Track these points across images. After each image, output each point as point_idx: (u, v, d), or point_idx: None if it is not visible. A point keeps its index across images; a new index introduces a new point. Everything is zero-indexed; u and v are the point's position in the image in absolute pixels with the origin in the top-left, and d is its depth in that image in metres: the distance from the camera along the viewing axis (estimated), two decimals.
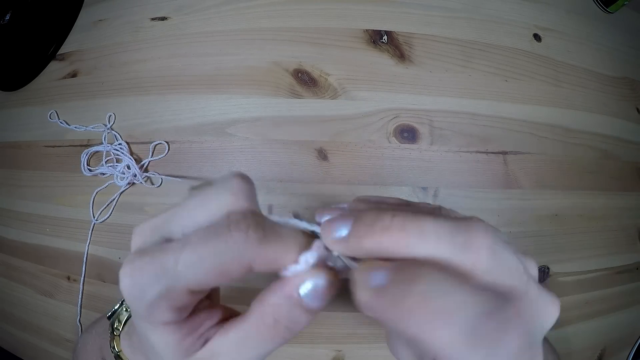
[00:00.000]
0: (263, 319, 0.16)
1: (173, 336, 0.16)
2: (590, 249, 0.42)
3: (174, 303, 0.15)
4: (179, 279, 0.14)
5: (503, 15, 0.44)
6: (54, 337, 0.43)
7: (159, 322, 0.15)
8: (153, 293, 0.15)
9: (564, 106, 0.43)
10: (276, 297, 0.16)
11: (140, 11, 0.45)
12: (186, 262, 0.14)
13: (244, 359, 0.16)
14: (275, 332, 0.16)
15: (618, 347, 0.43)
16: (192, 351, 0.16)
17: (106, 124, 0.43)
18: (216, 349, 0.16)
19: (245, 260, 0.14)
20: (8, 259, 0.46)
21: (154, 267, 0.15)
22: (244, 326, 0.16)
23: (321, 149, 0.40)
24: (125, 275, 0.15)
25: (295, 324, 0.16)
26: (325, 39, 0.42)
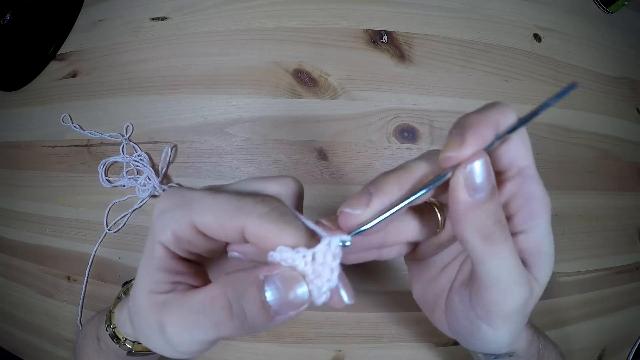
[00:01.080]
0: (215, 288, 0.15)
1: (157, 261, 0.17)
2: (590, 249, 0.42)
3: (179, 231, 0.16)
4: (192, 212, 0.16)
5: (503, 15, 0.44)
6: (54, 337, 0.43)
7: (159, 239, 0.17)
8: (169, 214, 0.17)
9: (564, 106, 0.43)
10: (241, 272, 0.15)
11: (140, 11, 0.45)
12: (204, 201, 0.16)
13: (185, 321, 0.16)
14: (219, 309, 0.15)
15: (618, 347, 0.43)
16: (159, 289, 0.17)
17: (123, 134, 0.42)
18: (171, 299, 0.16)
19: (239, 222, 0.15)
20: (8, 259, 0.46)
21: (183, 196, 0.17)
22: (199, 291, 0.16)
23: (321, 149, 0.40)
24: (162, 196, 0.18)
25: (242, 311, 0.15)
26: (325, 39, 0.42)
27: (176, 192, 0.17)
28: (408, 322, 0.39)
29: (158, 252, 0.17)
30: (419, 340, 0.39)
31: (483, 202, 0.15)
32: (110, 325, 0.26)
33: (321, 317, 0.38)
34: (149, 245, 0.17)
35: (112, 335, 0.26)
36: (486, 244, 0.16)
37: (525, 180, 0.17)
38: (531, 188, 0.17)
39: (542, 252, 0.17)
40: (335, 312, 0.38)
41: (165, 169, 0.41)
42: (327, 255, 0.15)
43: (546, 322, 0.40)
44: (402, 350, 0.39)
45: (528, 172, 0.17)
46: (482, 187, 0.15)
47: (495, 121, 0.16)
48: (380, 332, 0.39)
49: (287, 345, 0.38)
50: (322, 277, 0.15)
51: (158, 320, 0.16)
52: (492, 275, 0.16)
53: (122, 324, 0.25)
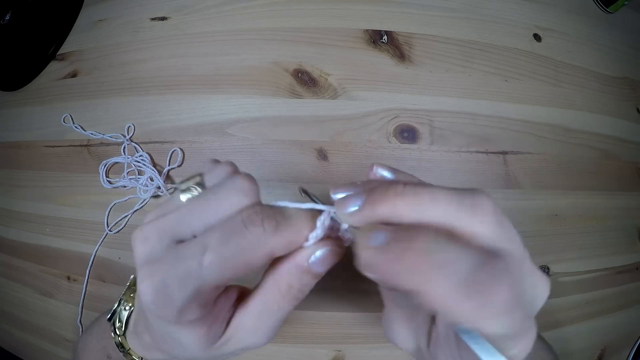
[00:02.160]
0: (279, 286, 0.17)
1: (200, 330, 0.17)
2: (590, 249, 0.42)
3: (202, 301, 0.16)
4: (205, 279, 0.15)
5: (503, 15, 0.44)
6: (54, 337, 0.43)
7: (188, 321, 0.16)
8: (182, 298, 0.15)
9: (564, 106, 0.43)
10: (288, 266, 0.17)
11: (140, 11, 0.45)
12: (211, 263, 0.15)
13: (265, 326, 0.18)
14: (289, 297, 0.18)
15: (618, 347, 0.43)
16: (219, 335, 0.18)
17: (125, 134, 0.42)
18: (240, 324, 0.18)
19: (266, 250, 0.16)
20: (8, 259, 0.46)
21: (178, 274, 0.15)
22: (262, 296, 0.18)
23: (321, 149, 0.40)
24: (147, 288, 0.15)
25: (306, 286, 0.18)
26: (325, 39, 0.42)
27: (163, 271, 0.15)
28: None
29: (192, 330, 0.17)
30: None
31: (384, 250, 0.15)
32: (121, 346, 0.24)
33: (321, 317, 0.38)
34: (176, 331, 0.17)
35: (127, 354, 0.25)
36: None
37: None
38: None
39: None
40: (335, 312, 0.38)
41: (166, 172, 0.41)
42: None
43: (546, 323, 0.40)
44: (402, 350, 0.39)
45: None
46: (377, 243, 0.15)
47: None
48: (380, 332, 0.39)
49: (287, 345, 0.38)
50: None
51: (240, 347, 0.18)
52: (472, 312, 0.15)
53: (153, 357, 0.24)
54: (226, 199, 0.17)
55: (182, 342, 0.17)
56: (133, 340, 0.24)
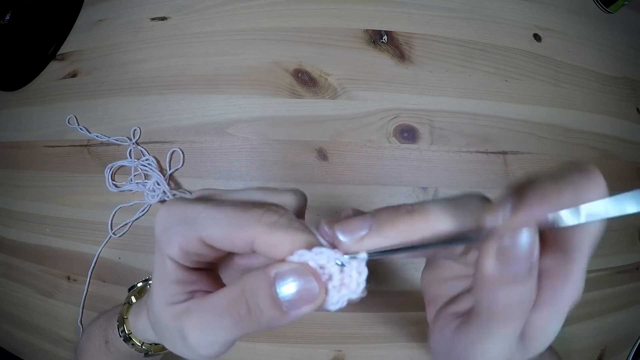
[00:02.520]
0: (234, 287, 0.16)
1: (169, 275, 0.17)
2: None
3: (185, 245, 0.17)
4: (198, 226, 0.16)
5: (503, 15, 0.44)
6: (54, 337, 0.43)
7: (167, 254, 0.17)
8: (175, 230, 0.17)
9: (564, 106, 0.43)
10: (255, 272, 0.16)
11: (140, 11, 0.45)
12: (208, 214, 0.16)
13: (206, 324, 0.16)
14: (236, 306, 0.15)
15: (618, 347, 0.43)
16: (176, 300, 0.17)
17: (131, 137, 0.42)
18: (190, 306, 0.17)
19: (249, 234, 0.15)
20: (8, 259, 0.46)
21: (186, 210, 0.17)
22: (219, 293, 0.16)
23: (321, 149, 0.40)
24: (162, 210, 0.18)
25: (258, 308, 0.15)
26: (325, 39, 0.42)
27: (177, 206, 0.17)
28: (408, 322, 0.39)
29: (168, 266, 0.17)
30: (419, 340, 0.39)
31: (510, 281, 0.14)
32: (124, 331, 0.26)
33: (321, 317, 0.38)
34: (158, 260, 0.18)
35: (127, 339, 0.26)
36: (491, 319, 0.15)
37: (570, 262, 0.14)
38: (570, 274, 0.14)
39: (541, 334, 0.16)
40: (335, 312, 0.38)
41: (169, 173, 0.41)
42: (353, 269, 0.15)
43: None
44: (402, 350, 0.39)
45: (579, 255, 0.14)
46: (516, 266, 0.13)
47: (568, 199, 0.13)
48: (380, 332, 0.39)
49: (287, 345, 0.38)
50: (348, 288, 0.15)
51: (178, 328, 0.17)
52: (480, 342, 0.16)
53: (140, 330, 0.25)
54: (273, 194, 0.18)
55: (155, 273, 0.18)
56: (132, 317, 0.26)
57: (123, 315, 0.27)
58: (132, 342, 0.26)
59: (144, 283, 0.30)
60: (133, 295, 0.29)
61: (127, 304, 0.28)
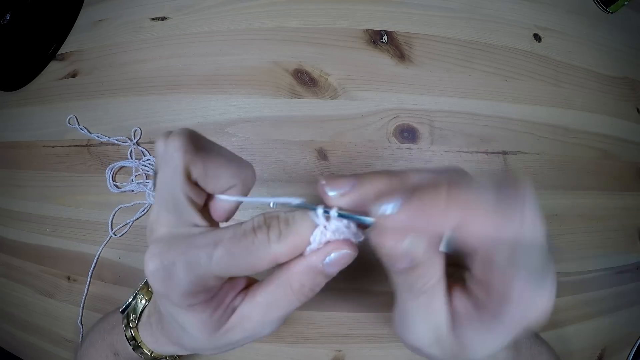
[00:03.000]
0: (290, 283, 0.18)
1: (204, 314, 0.17)
2: (590, 249, 0.42)
3: (205, 288, 0.17)
4: (213, 270, 0.16)
5: (503, 15, 0.44)
6: (54, 337, 0.43)
7: (191, 304, 0.17)
8: (186, 282, 0.16)
9: (564, 106, 0.43)
10: (303, 266, 0.17)
11: (140, 11, 0.45)
12: (220, 258, 0.16)
13: (271, 318, 0.18)
14: (300, 294, 0.18)
15: (618, 347, 0.43)
16: (223, 322, 0.18)
17: (131, 138, 0.42)
18: (246, 312, 0.18)
19: (270, 257, 0.16)
20: (8, 259, 0.46)
21: (187, 259, 0.16)
22: (272, 290, 0.18)
23: (321, 149, 0.40)
24: (156, 266, 0.16)
25: (318, 286, 0.18)
26: (325, 39, 0.42)
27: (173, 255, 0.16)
28: None
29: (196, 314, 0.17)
30: None
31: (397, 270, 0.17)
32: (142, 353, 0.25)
33: (321, 317, 0.38)
34: (180, 313, 0.18)
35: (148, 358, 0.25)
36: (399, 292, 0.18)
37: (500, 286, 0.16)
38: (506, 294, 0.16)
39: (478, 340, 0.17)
40: (335, 312, 0.38)
41: None
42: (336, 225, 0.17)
43: (546, 322, 0.40)
44: (402, 350, 0.39)
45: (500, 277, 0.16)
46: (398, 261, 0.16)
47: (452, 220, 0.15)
48: (380, 332, 0.39)
49: (287, 345, 0.38)
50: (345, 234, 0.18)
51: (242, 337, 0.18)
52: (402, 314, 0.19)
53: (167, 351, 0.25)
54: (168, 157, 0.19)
55: (186, 326, 0.18)
56: (145, 332, 0.25)
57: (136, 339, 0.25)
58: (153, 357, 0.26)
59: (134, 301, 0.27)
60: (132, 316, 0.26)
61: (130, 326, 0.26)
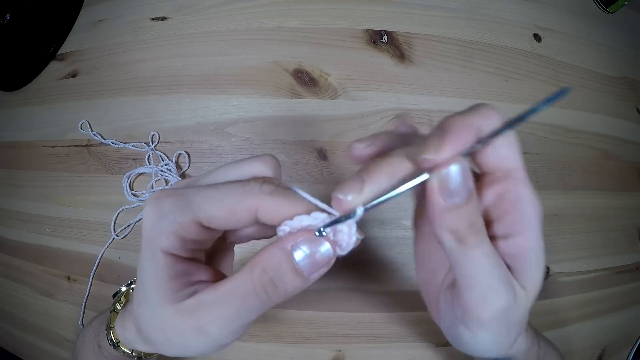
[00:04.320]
0: (252, 269, 0.16)
1: (166, 270, 0.17)
2: (590, 249, 0.42)
3: (183, 232, 0.16)
4: (195, 208, 0.16)
5: (503, 15, 0.44)
6: (54, 337, 0.43)
7: (162, 247, 0.17)
8: (170, 218, 0.16)
9: (563, 106, 0.43)
10: (269, 248, 0.16)
11: (140, 11, 0.45)
12: (205, 194, 0.16)
13: (229, 312, 0.16)
14: (262, 286, 0.16)
15: (618, 347, 0.43)
16: (179, 297, 0.17)
17: (149, 143, 0.41)
18: (203, 299, 0.17)
19: (254, 204, 0.16)
20: (8, 259, 0.46)
21: (178, 196, 0.17)
22: (234, 279, 0.17)
23: (321, 149, 0.40)
24: (149, 202, 0.17)
25: (282, 281, 0.16)
26: (325, 39, 0.42)
27: (167, 194, 0.17)
28: (408, 322, 0.39)
29: (163, 261, 0.17)
30: (419, 340, 0.39)
31: (457, 206, 0.15)
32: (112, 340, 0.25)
33: (321, 317, 0.38)
34: (149, 259, 0.17)
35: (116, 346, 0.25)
36: (460, 247, 0.16)
37: (513, 183, 0.16)
38: (519, 191, 0.16)
39: (529, 259, 0.17)
40: (335, 312, 0.38)
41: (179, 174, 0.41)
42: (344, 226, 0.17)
43: (546, 322, 0.40)
44: (402, 350, 0.39)
45: (516, 174, 0.16)
46: (456, 192, 0.15)
47: (477, 125, 0.15)
48: (380, 332, 0.39)
49: (287, 345, 0.38)
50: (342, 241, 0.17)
51: (196, 326, 0.17)
52: (466, 278, 0.16)
53: (129, 340, 0.24)
54: (246, 165, 0.18)
55: (145, 278, 0.17)
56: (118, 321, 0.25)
57: (110, 323, 0.25)
58: (122, 351, 0.25)
59: (127, 287, 0.28)
60: (118, 302, 0.27)
61: (113, 311, 0.26)
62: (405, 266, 0.39)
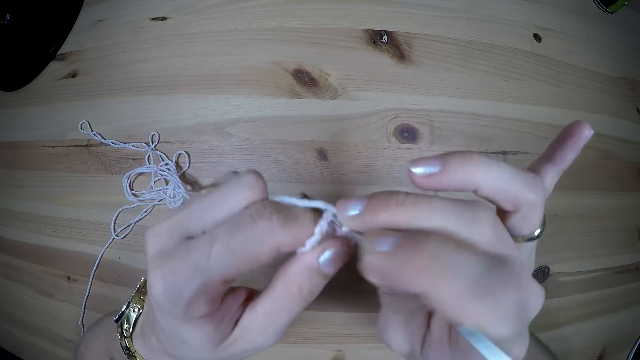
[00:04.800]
0: (289, 288, 0.17)
1: (208, 327, 0.17)
2: (590, 249, 0.42)
3: (210, 296, 0.16)
4: (213, 272, 0.15)
5: (503, 15, 0.44)
6: (54, 337, 0.43)
7: (196, 317, 0.16)
8: (190, 291, 0.15)
9: (564, 106, 0.43)
10: (299, 267, 0.17)
11: (140, 11, 0.45)
12: (219, 255, 0.15)
13: (274, 328, 0.18)
14: (300, 298, 0.17)
15: (618, 347, 0.43)
16: (226, 335, 0.18)
17: (149, 142, 0.41)
18: (248, 324, 0.18)
19: (274, 244, 0.16)
20: (8, 259, 0.46)
21: (187, 266, 0.15)
22: (272, 298, 0.18)
23: (321, 149, 0.40)
24: (157, 280, 0.16)
25: (316, 287, 0.18)
26: (325, 39, 0.42)
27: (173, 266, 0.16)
28: None
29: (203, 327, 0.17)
30: None
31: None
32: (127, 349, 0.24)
33: (321, 317, 0.38)
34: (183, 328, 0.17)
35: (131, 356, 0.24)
36: None
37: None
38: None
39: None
40: (335, 312, 0.38)
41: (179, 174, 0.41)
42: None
43: (546, 322, 0.40)
44: None
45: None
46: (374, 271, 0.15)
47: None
48: None
49: (287, 345, 0.38)
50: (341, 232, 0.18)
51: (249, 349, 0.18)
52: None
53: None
54: (233, 193, 0.17)
55: (189, 341, 0.17)
56: (139, 343, 0.24)
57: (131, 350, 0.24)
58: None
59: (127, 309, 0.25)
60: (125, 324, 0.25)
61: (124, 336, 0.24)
62: None
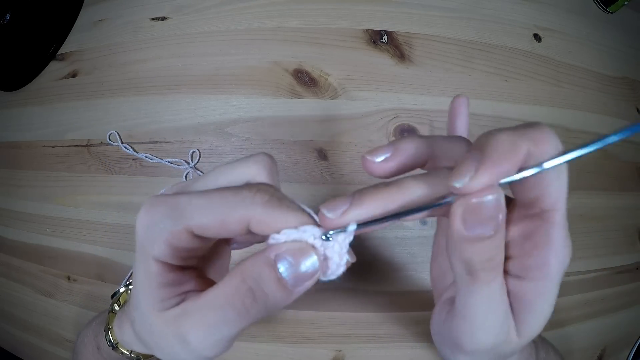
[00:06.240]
0: (233, 278, 0.16)
1: (157, 278, 0.16)
2: (590, 249, 0.42)
3: (174, 240, 0.16)
4: (186, 217, 0.16)
5: (503, 15, 0.44)
6: (54, 337, 0.43)
7: (153, 255, 0.16)
8: (161, 226, 0.16)
9: (564, 106, 0.43)
10: (252, 258, 0.16)
11: (140, 11, 0.45)
12: (197, 203, 0.16)
13: (208, 323, 0.16)
14: (239, 297, 0.15)
15: (618, 347, 0.43)
16: (167, 305, 0.17)
17: (189, 161, 0.41)
18: (188, 307, 0.16)
19: (245, 215, 0.15)
20: (8, 259, 0.46)
21: (170, 204, 0.16)
22: (215, 288, 0.16)
23: (321, 149, 0.40)
24: (143, 207, 0.16)
25: (263, 292, 0.15)
26: (325, 39, 0.42)
27: (158, 203, 0.16)
28: (408, 322, 0.39)
29: (154, 268, 0.16)
30: (419, 340, 0.39)
31: (479, 238, 0.14)
32: (110, 341, 0.25)
33: (321, 317, 0.38)
34: (141, 265, 0.17)
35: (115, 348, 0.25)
36: (469, 279, 0.15)
37: (548, 226, 0.14)
38: (552, 237, 0.14)
39: (535, 309, 0.16)
40: (335, 312, 0.38)
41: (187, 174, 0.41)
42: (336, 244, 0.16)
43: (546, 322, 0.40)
44: (402, 350, 0.39)
45: (554, 217, 0.14)
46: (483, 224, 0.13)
47: (526, 150, 0.13)
48: (380, 332, 0.39)
49: (287, 345, 0.38)
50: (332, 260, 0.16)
51: (177, 333, 0.16)
52: (464, 308, 0.16)
53: (126, 342, 0.24)
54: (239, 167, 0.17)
55: (138, 286, 0.17)
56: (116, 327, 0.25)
57: (108, 324, 0.25)
58: (121, 352, 0.25)
59: (126, 288, 0.28)
60: (116, 303, 0.27)
61: (111, 312, 0.26)
62: (405, 266, 0.39)
